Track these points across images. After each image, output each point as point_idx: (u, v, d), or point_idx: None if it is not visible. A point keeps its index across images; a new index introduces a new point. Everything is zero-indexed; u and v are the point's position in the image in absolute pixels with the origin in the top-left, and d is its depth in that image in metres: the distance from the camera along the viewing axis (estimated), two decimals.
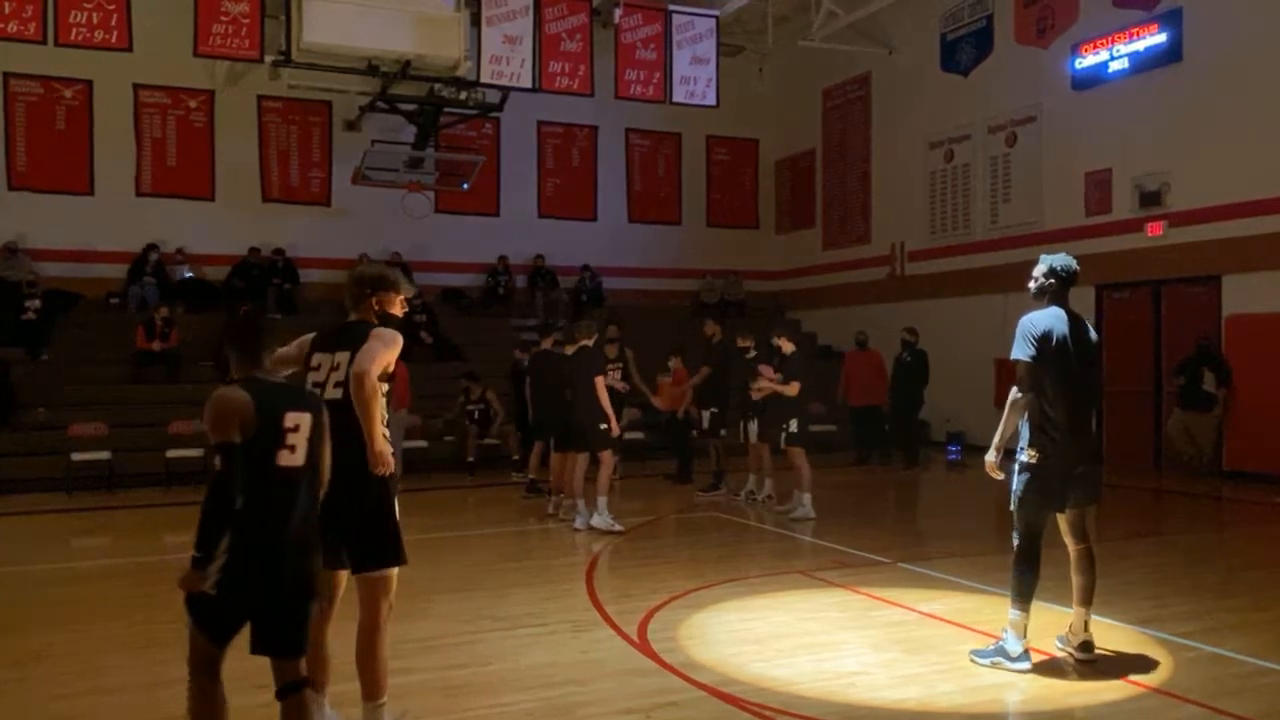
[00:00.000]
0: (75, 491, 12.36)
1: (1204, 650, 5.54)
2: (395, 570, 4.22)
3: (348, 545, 4.13)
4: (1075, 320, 5.24)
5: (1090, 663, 5.23)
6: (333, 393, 4.15)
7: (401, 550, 4.22)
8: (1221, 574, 7.88)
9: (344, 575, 4.25)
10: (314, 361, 4.27)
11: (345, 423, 4.03)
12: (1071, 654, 5.30)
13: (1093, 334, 5.34)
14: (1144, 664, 5.31)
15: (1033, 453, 5.14)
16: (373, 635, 4.16)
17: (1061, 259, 5.30)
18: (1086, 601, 5.31)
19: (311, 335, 4.43)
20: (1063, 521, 5.36)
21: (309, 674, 3.87)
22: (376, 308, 4.40)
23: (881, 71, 18.70)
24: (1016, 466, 5.24)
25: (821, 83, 20.16)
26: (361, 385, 4.05)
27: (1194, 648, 5.58)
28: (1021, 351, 5.13)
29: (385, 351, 4.17)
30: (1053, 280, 5.26)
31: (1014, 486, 5.26)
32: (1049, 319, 5.17)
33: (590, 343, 9.71)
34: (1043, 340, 5.11)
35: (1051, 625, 5.64)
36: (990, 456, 5.33)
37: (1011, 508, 5.30)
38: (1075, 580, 5.34)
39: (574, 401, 9.66)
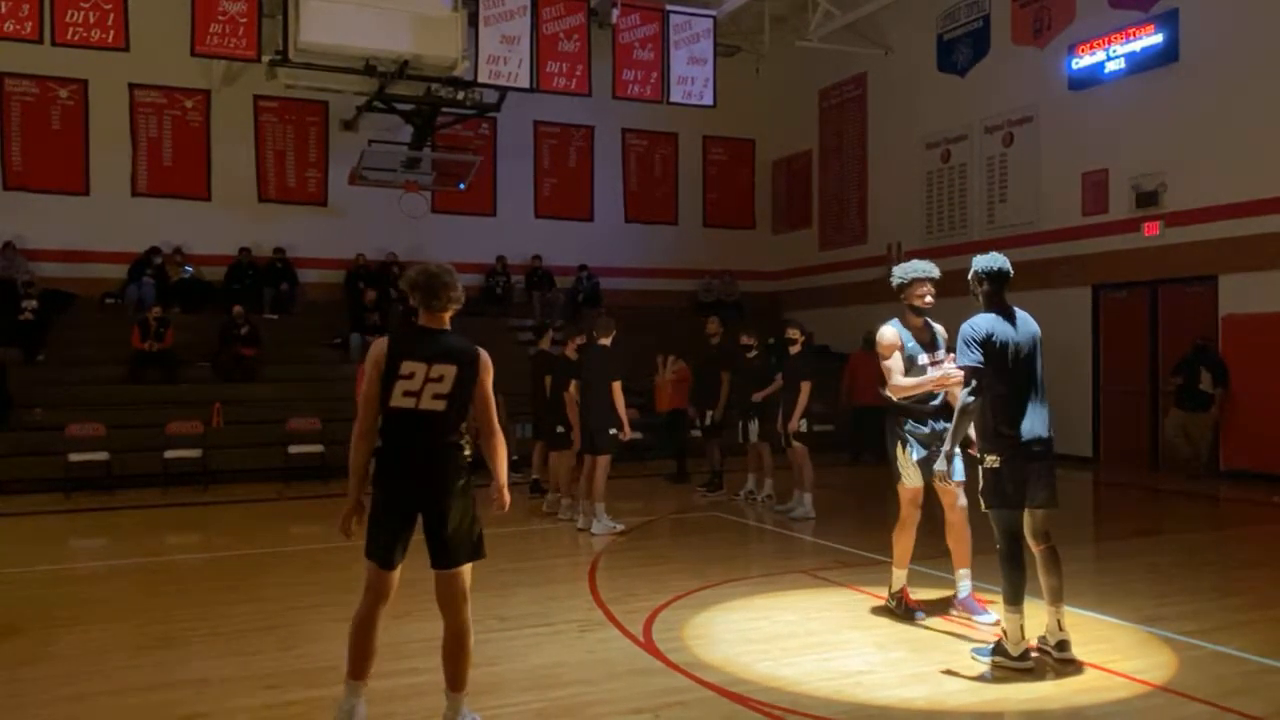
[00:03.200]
0: (73, 492, 12.32)
1: (1208, 649, 5.56)
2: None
3: (434, 545, 4.31)
4: (1015, 320, 5.25)
5: (1069, 661, 5.23)
6: (432, 404, 4.24)
7: (483, 546, 4.46)
8: (1222, 573, 7.90)
9: (399, 575, 4.37)
10: (405, 369, 4.22)
11: (445, 433, 4.29)
12: (1050, 654, 5.30)
13: (1032, 327, 5.30)
14: (1149, 662, 5.33)
15: (993, 458, 5.19)
16: (464, 636, 4.35)
17: (984, 260, 5.30)
18: (1058, 601, 5.32)
19: (381, 345, 4.32)
20: (1025, 522, 5.35)
21: (356, 664, 4.28)
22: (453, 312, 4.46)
23: (878, 72, 18.73)
24: (980, 471, 5.27)
25: (818, 83, 20.18)
26: (497, 438, 4.42)
27: (1198, 646, 5.60)
28: (968, 357, 5.16)
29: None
30: (980, 283, 5.30)
31: (980, 490, 5.29)
32: (989, 322, 5.20)
33: (608, 341, 9.56)
34: (985, 343, 5.14)
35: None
36: (940, 465, 5.39)
37: (983, 509, 5.33)
38: (1044, 581, 5.33)
39: (586, 400, 9.59)
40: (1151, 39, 13.70)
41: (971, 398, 5.17)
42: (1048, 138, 15.38)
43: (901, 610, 6.17)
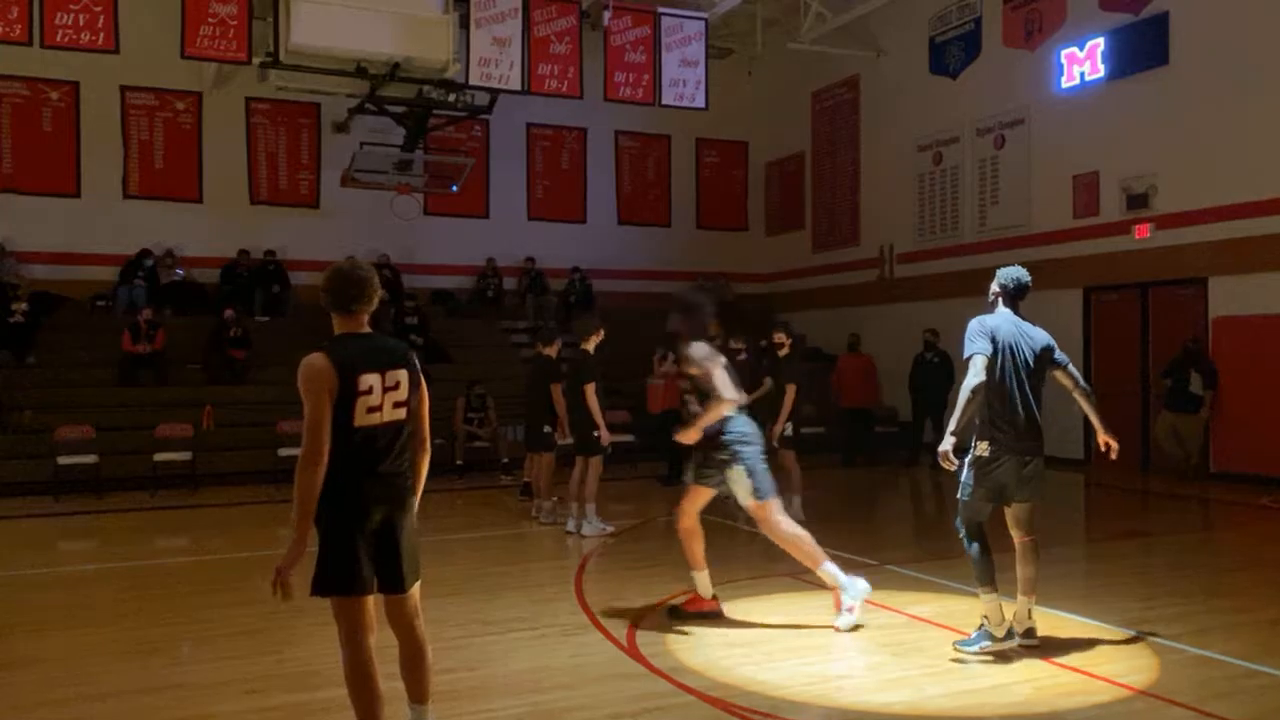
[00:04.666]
0: (62, 495, 12.29)
1: (1192, 652, 5.56)
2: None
3: (392, 567, 3.99)
4: (1024, 323, 5.51)
5: (1034, 647, 5.40)
6: (395, 414, 3.96)
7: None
8: (1209, 576, 7.89)
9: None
10: (364, 384, 3.86)
11: (404, 442, 4.03)
12: (1018, 639, 5.43)
13: (1041, 338, 5.54)
14: (1132, 666, 5.33)
15: (984, 446, 5.34)
16: (424, 648, 4.14)
17: (1008, 272, 5.61)
18: (1030, 591, 5.51)
19: (321, 362, 3.87)
20: (1009, 515, 5.53)
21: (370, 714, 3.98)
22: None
23: (870, 74, 18.74)
24: (967, 459, 5.39)
25: (810, 85, 20.19)
26: (427, 453, 4.14)
27: (1182, 650, 5.60)
28: (976, 347, 5.34)
29: None
30: (1000, 292, 5.58)
31: (963, 478, 5.42)
32: (997, 319, 5.48)
33: (589, 345, 9.67)
34: (991, 338, 5.35)
35: (1043, 626, 5.65)
36: (945, 445, 5.37)
37: (959, 496, 5.46)
38: (1020, 571, 5.51)
39: (569, 404, 9.69)
40: (1142, 41, 13.72)
41: (975, 381, 5.28)
42: (1039, 140, 15.40)
43: (686, 615, 6.22)
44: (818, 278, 20.12)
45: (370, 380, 3.89)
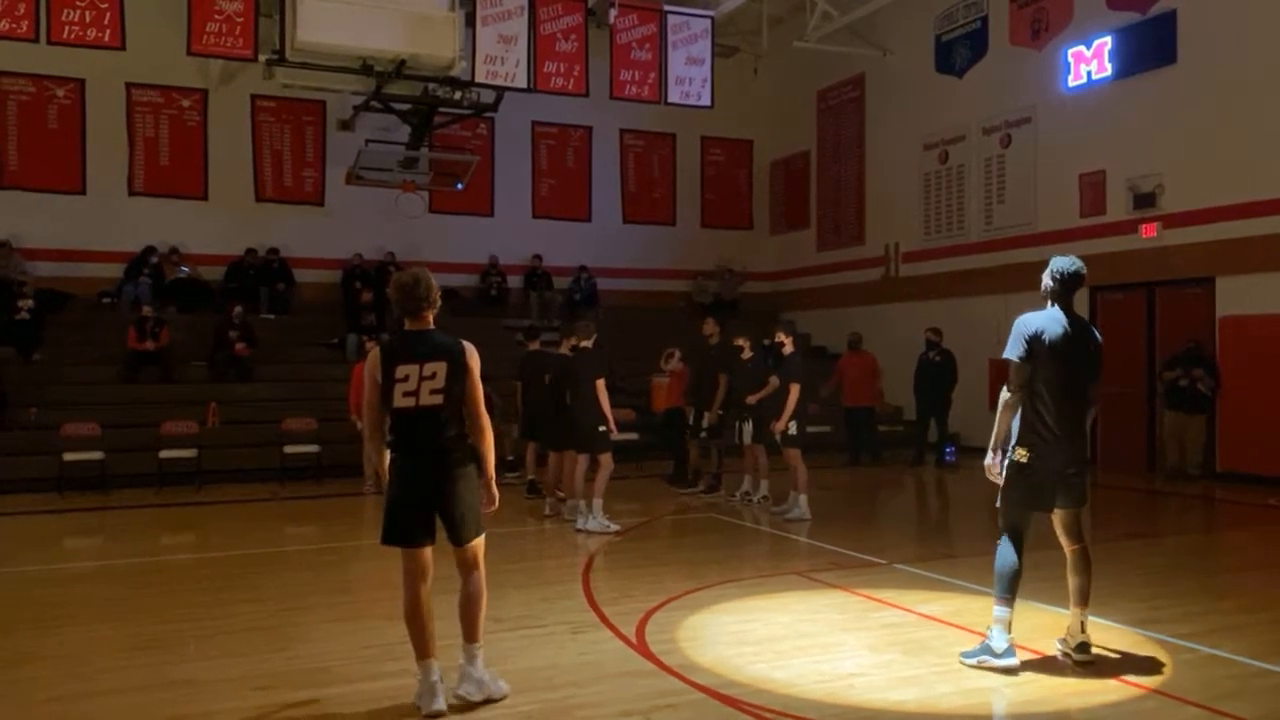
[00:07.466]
0: (67, 492, 12.30)
1: (1202, 651, 5.54)
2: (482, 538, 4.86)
3: (448, 526, 4.73)
4: (1075, 322, 5.23)
5: (1088, 664, 5.25)
6: (431, 399, 4.63)
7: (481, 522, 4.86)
8: (1217, 575, 7.89)
9: (430, 552, 4.74)
10: (399, 373, 4.60)
11: (447, 424, 4.68)
12: (1070, 655, 5.31)
13: (1096, 336, 5.33)
14: (1142, 665, 5.31)
15: (1023, 452, 5.18)
16: (477, 597, 4.80)
17: (1063, 262, 5.29)
18: (1083, 602, 5.34)
19: (375, 354, 4.73)
20: (1056, 523, 5.40)
21: (418, 646, 4.68)
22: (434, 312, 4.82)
23: (876, 73, 18.72)
24: (1006, 464, 5.26)
25: (816, 84, 20.17)
26: (486, 433, 4.78)
27: (1192, 649, 5.58)
28: (1012, 351, 5.18)
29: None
30: (1053, 283, 5.28)
31: (1002, 484, 5.29)
32: (1043, 320, 5.20)
33: (589, 343, 9.72)
34: (1034, 340, 5.14)
35: (1048, 626, 5.65)
36: (989, 459, 5.34)
37: (998, 504, 5.33)
38: (1071, 581, 5.35)
39: (573, 403, 9.68)
40: (1149, 40, 13.69)
41: (1008, 393, 5.18)
42: (1045, 139, 15.37)
43: None
44: (823, 276, 20.10)
45: (407, 370, 4.61)
